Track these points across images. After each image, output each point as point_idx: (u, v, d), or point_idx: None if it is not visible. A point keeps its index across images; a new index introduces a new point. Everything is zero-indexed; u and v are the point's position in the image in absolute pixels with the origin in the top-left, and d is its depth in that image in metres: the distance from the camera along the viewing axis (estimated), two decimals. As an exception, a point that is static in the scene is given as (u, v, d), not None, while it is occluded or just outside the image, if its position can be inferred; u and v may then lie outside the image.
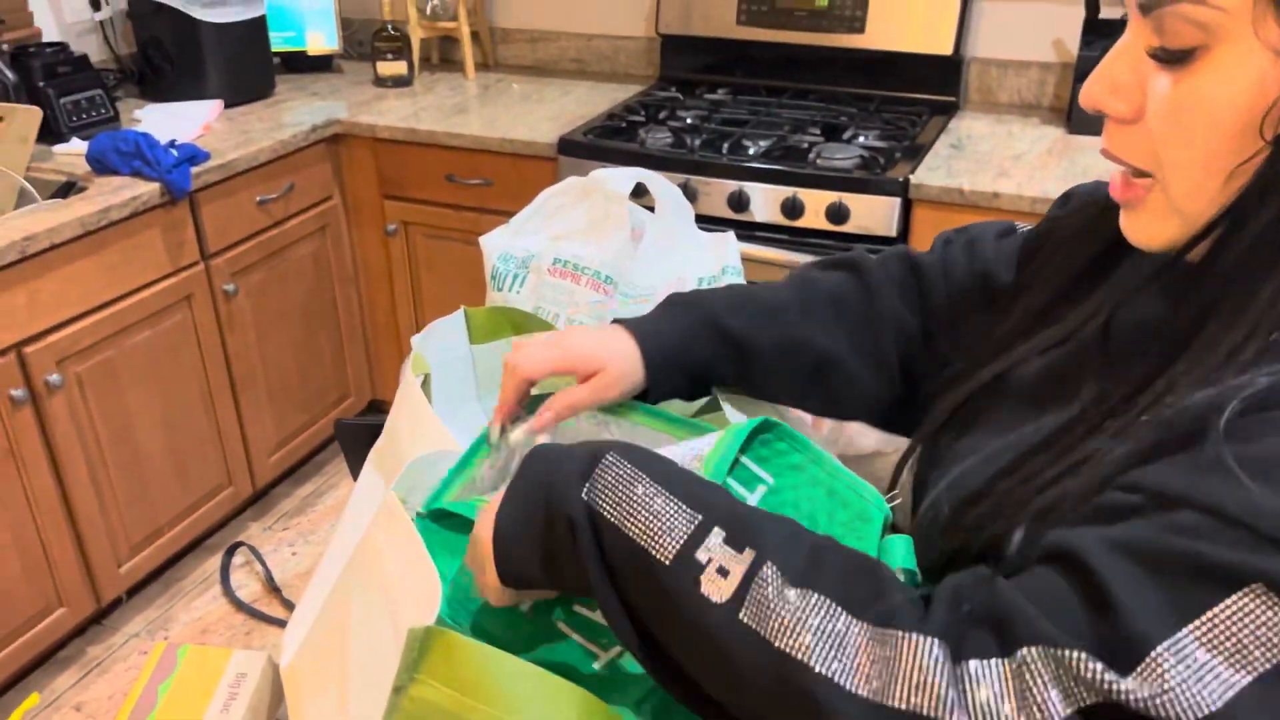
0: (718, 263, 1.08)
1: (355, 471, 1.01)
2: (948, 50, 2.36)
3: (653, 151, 2.18)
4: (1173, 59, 0.54)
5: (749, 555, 0.54)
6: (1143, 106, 0.56)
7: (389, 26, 2.67)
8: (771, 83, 2.55)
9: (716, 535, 0.55)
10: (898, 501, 0.74)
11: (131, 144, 2.05)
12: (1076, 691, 0.46)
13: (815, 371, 0.84)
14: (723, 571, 0.54)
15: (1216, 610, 0.45)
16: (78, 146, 2.18)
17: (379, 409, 2.96)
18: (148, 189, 2.02)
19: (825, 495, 0.73)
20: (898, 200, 2.00)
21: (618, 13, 2.76)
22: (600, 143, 2.24)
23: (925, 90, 2.43)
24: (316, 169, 2.47)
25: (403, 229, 2.56)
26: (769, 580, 0.53)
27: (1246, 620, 0.44)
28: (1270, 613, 0.44)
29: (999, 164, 2.06)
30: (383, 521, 0.71)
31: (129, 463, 2.14)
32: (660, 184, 1.09)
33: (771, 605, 0.52)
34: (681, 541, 0.55)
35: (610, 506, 0.58)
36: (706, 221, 1.53)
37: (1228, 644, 0.44)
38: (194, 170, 2.10)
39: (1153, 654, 0.44)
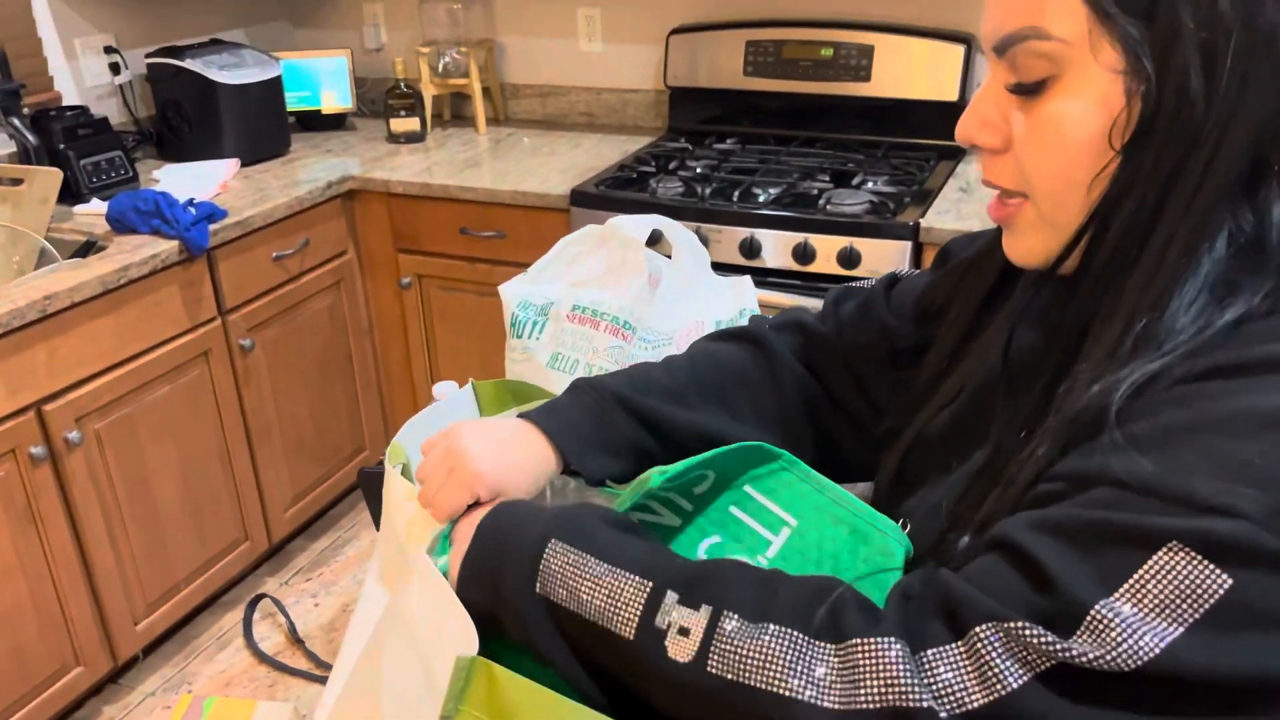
0: (736, 306, 1.09)
1: (378, 519, 1.01)
2: (953, 96, 2.39)
3: (664, 201, 2.21)
4: (1028, 91, 0.59)
5: (705, 611, 0.58)
6: (1009, 136, 0.61)
7: (402, 84, 2.72)
8: (779, 131, 2.58)
9: (670, 597, 0.59)
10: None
11: (150, 203, 2.08)
12: (1029, 659, 0.49)
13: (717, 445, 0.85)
14: (683, 631, 0.58)
15: (1142, 571, 0.48)
16: (97, 207, 2.21)
17: (394, 462, 2.96)
18: (167, 247, 2.05)
19: (848, 534, 0.73)
20: (909, 244, 2.02)
21: (626, 67, 2.81)
22: (612, 193, 2.26)
23: (932, 136, 2.46)
24: (331, 224, 2.50)
25: (417, 282, 2.58)
26: (728, 627, 0.57)
27: (1169, 576, 0.48)
28: (1189, 567, 0.47)
29: (1008, 206, 2.07)
30: (416, 578, 0.71)
31: (146, 519, 2.14)
32: (676, 230, 1.10)
33: (736, 649, 0.56)
34: (639, 614, 0.59)
35: (565, 594, 0.62)
36: (719, 269, 1.54)
37: (1157, 600, 0.48)
38: (212, 227, 2.13)
39: (1090, 615, 0.48)
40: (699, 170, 2.36)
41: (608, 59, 2.82)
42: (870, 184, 2.22)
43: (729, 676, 0.55)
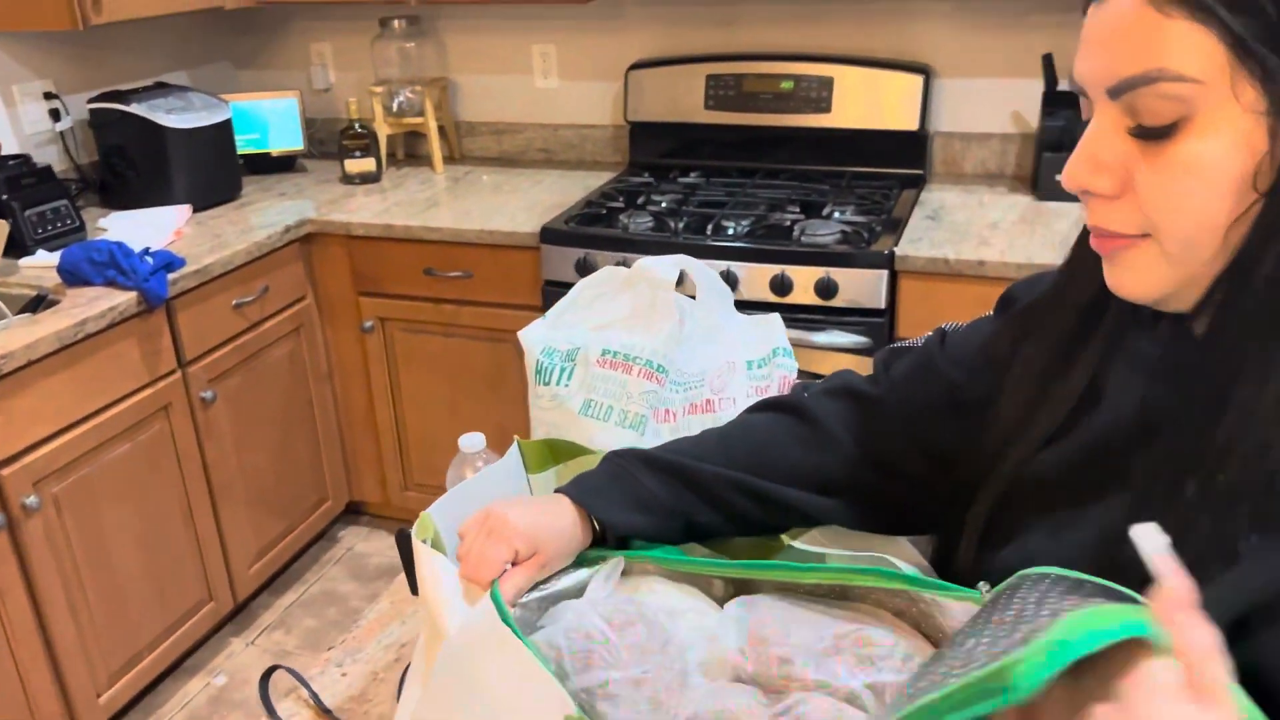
0: (767, 345, 1.07)
1: (414, 584, 0.96)
2: (913, 126, 2.42)
3: (636, 236, 2.19)
4: (1154, 135, 0.56)
5: None
6: (1126, 181, 0.58)
7: (355, 125, 2.67)
8: (742, 164, 2.59)
9: None
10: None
11: (105, 254, 2.00)
12: None
13: (770, 503, 0.85)
14: None
15: None
16: (45, 259, 2.11)
17: (357, 510, 2.88)
18: (124, 298, 1.96)
19: None
20: (885, 272, 2.03)
21: (583, 103, 2.80)
22: (583, 230, 2.24)
23: (893, 164, 2.49)
24: (290, 269, 2.43)
25: (379, 325, 2.52)
26: None
27: None
28: None
29: (978, 233, 2.10)
30: (491, 650, 0.67)
31: (107, 585, 2.04)
32: (701, 270, 1.08)
33: None
34: None
35: None
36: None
37: None
38: (170, 277, 2.05)
39: None
40: (667, 205, 2.35)
41: (564, 95, 2.81)
42: (839, 214, 2.23)
43: None
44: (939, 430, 0.81)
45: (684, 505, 0.85)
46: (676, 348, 1.04)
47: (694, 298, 1.09)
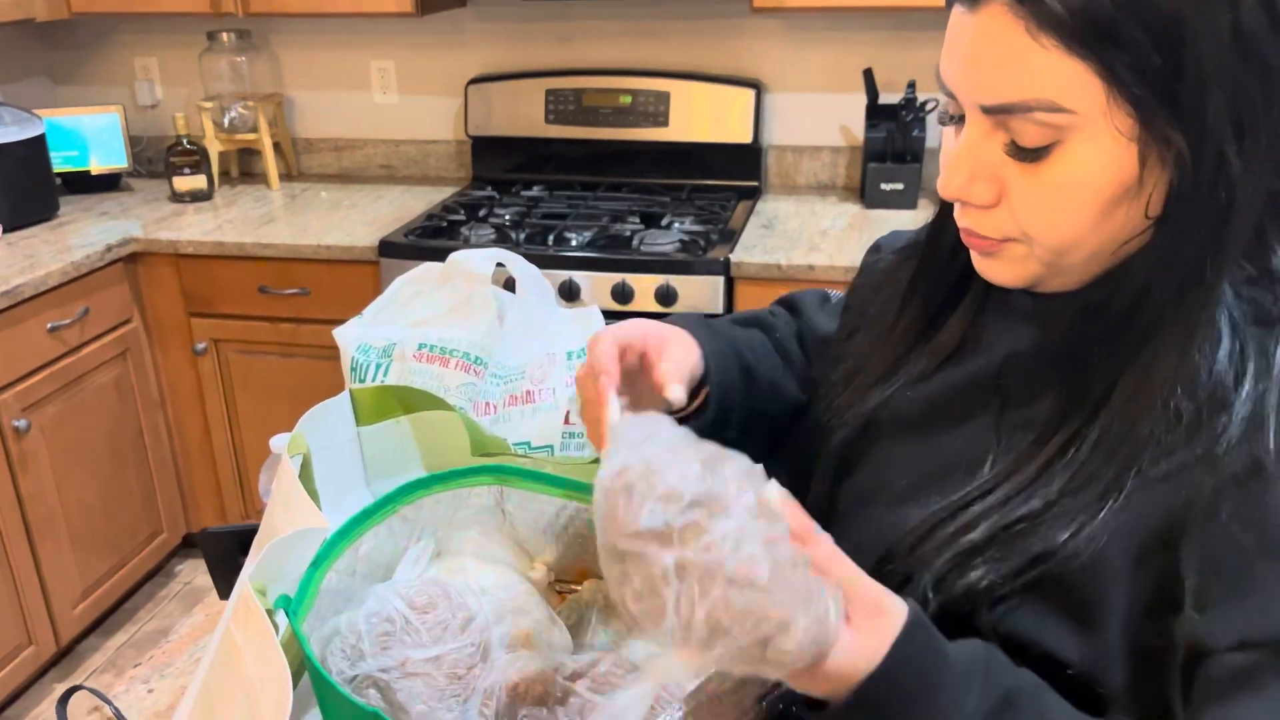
0: (585, 335, 1.08)
1: (221, 587, 0.93)
2: (747, 139, 2.50)
3: (478, 248, 2.18)
4: (1028, 156, 0.57)
5: None
6: (1000, 191, 0.60)
7: (184, 140, 2.57)
8: (584, 177, 2.61)
9: None
10: None
11: (-101, 274, 1.86)
12: None
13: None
14: None
15: None
16: None
17: (195, 543, 2.74)
18: (-79, 322, 1.83)
19: None
20: (721, 279, 2.08)
21: (424, 118, 2.77)
22: (423, 243, 2.22)
23: (730, 177, 2.56)
24: (113, 290, 2.31)
25: (213, 347, 2.43)
26: None
27: None
28: None
29: (809, 239, 2.18)
30: (239, 615, 0.64)
31: (-93, 632, 1.88)
32: (520, 263, 1.09)
33: None
34: None
35: None
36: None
37: None
38: (-25, 298, 1.93)
39: None
40: (509, 217, 2.35)
41: (404, 110, 2.78)
42: (678, 224, 2.28)
43: None
44: (809, 368, 0.87)
45: (744, 385, 0.83)
46: (496, 341, 1.04)
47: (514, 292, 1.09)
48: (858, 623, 0.53)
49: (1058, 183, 0.57)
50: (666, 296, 2.08)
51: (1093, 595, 0.58)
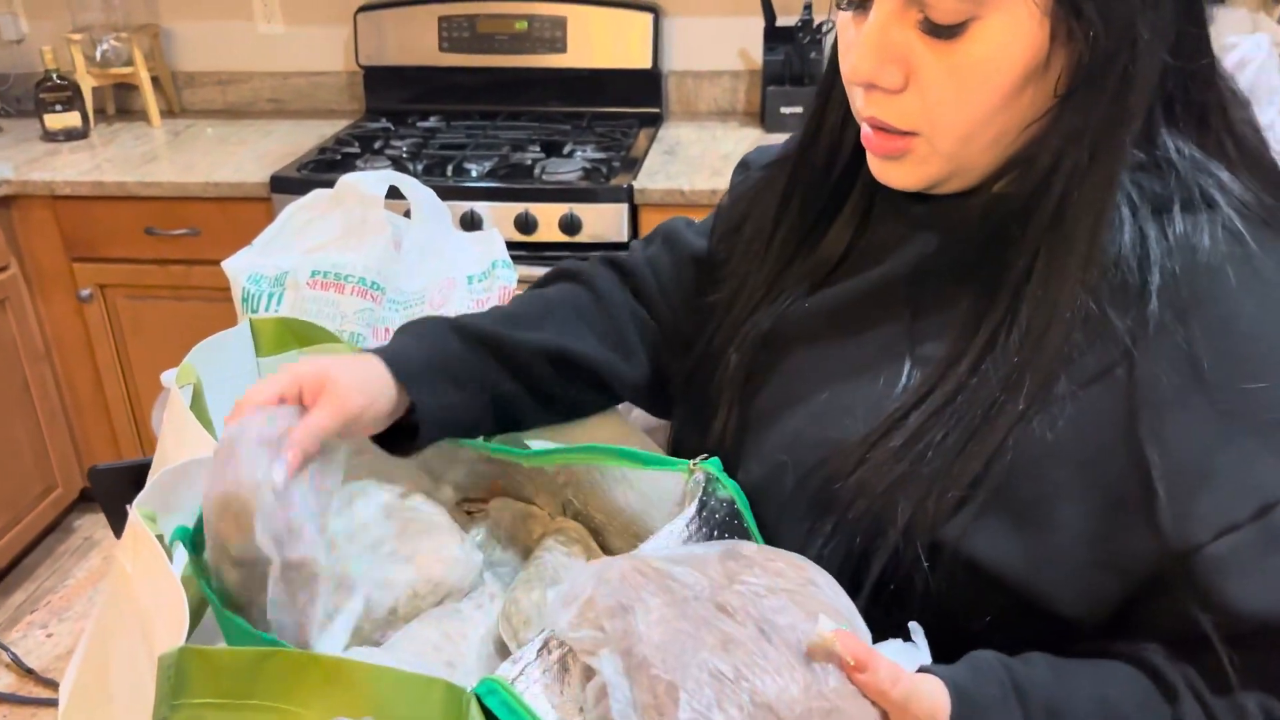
0: (486, 259, 1.07)
1: (116, 526, 0.90)
2: (647, 64, 2.47)
3: (374, 181, 2.12)
4: (943, 33, 0.57)
5: None
6: (908, 75, 0.59)
7: (54, 76, 2.43)
8: (482, 107, 2.56)
9: None
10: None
11: None
12: None
13: (571, 369, 0.81)
14: None
15: None
16: None
17: (91, 498, 2.66)
18: None
19: None
20: (625, 206, 2.07)
21: (312, 49, 2.67)
22: (317, 176, 2.15)
23: (631, 104, 2.53)
24: (-14, 236, 2.19)
25: (99, 293, 2.33)
26: None
27: None
28: None
29: (711, 164, 2.18)
30: (128, 544, 0.63)
31: None
32: (413, 186, 1.06)
33: None
34: None
35: None
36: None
37: None
38: None
39: None
40: (405, 149, 2.29)
41: (291, 41, 2.67)
42: (580, 152, 2.25)
43: None
44: (690, 302, 0.83)
45: (497, 383, 0.78)
46: (393, 265, 1.02)
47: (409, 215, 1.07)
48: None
49: (971, 60, 0.57)
50: (571, 225, 2.07)
51: (1043, 509, 0.59)
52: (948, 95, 0.58)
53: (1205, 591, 0.56)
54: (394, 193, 1.05)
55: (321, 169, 2.19)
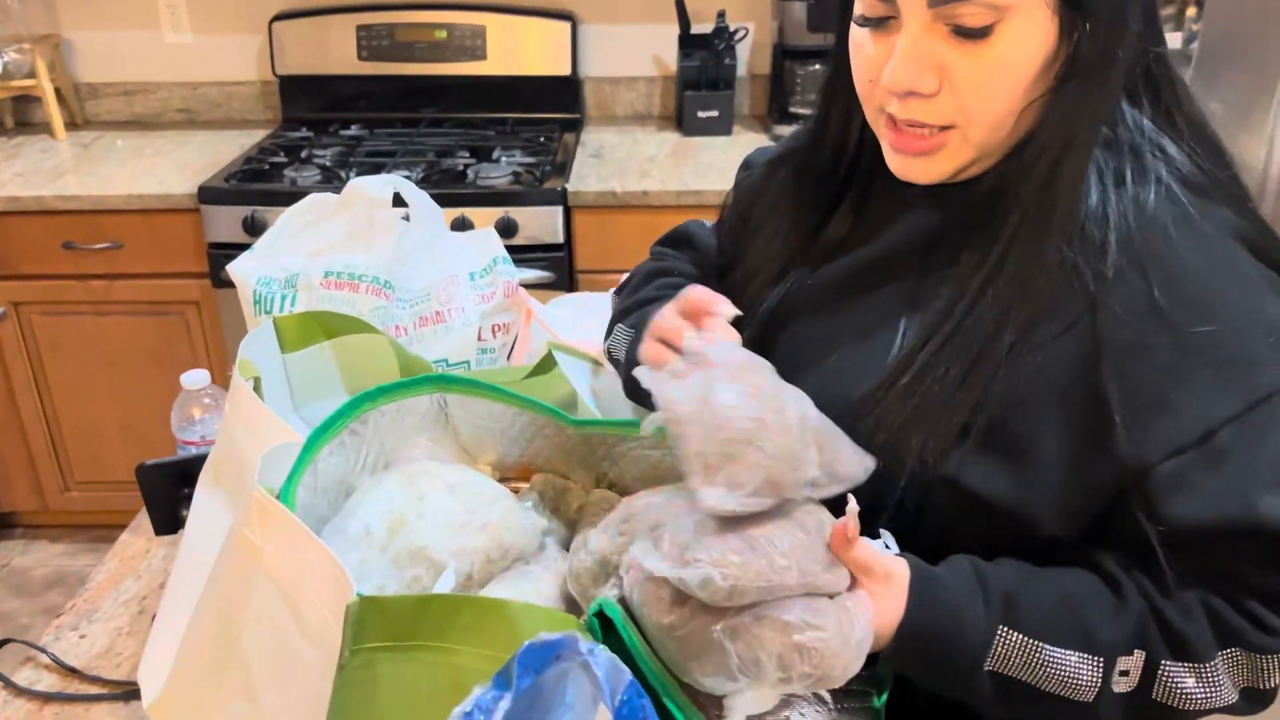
0: (486, 256, 1.13)
1: (158, 521, 0.92)
2: (566, 71, 2.54)
3: (307, 189, 2.13)
4: (973, 35, 0.65)
5: (1139, 655, 0.68)
6: (942, 79, 0.68)
7: (-49, 88, 2.34)
8: (402, 115, 2.58)
9: (1120, 664, 0.68)
10: None
11: None
12: None
13: None
14: (1124, 674, 0.68)
15: None
16: None
17: (9, 523, 2.57)
18: None
19: None
20: (559, 208, 2.14)
21: (224, 58, 2.64)
22: (246, 186, 2.14)
23: (551, 110, 2.60)
24: (-109, 255, 2.10)
25: (13, 311, 2.26)
26: (1162, 669, 0.68)
27: None
28: None
29: (638, 166, 2.27)
30: (254, 520, 0.67)
31: None
32: (412, 190, 1.11)
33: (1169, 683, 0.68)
34: (1097, 688, 0.67)
35: (1020, 672, 0.68)
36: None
37: None
38: None
39: None
40: (332, 157, 2.30)
41: (201, 50, 2.63)
42: (507, 158, 2.31)
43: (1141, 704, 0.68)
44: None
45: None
46: (399, 265, 1.07)
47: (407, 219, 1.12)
48: (877, 590, 0.65)
49: (998, 57, 0.65)
50: (508, 229, 2.12)
51: (1028, 440, 0.69)
52: (980, 90, 0.67)
53: (1153, 505, 0.67)
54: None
55: (249, 179, 2.19)
